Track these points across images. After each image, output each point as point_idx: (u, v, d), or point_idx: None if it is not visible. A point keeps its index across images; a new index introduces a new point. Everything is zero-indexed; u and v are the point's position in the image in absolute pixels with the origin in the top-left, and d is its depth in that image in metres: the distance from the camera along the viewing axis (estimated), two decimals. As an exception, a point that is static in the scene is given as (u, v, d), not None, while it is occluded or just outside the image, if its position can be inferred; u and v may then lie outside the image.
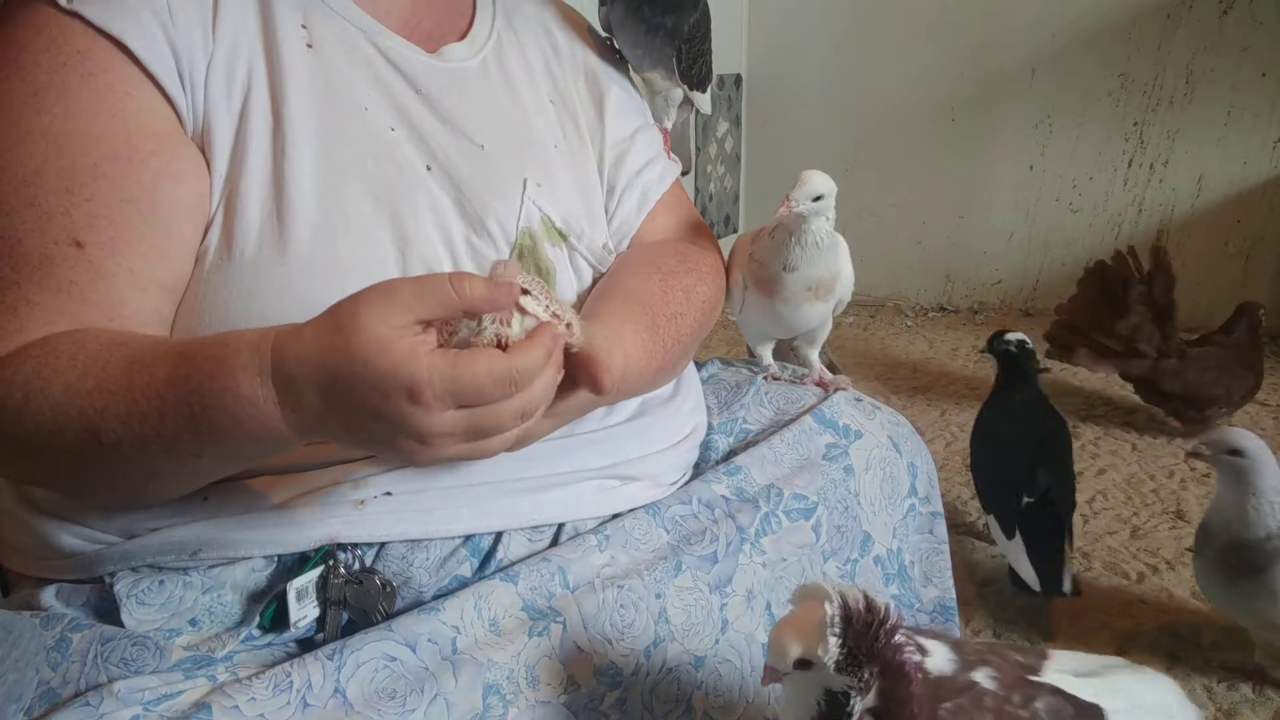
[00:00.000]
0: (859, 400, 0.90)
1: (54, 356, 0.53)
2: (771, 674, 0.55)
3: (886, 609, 0.54)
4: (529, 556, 0.66)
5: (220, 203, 0.62)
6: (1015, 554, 1.23)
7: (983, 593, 1.32)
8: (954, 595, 0.88)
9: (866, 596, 0.54)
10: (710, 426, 0.86)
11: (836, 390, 0.89)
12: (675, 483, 0.78)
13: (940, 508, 0.89)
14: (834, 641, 0.52)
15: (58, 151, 0.57)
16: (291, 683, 0.53)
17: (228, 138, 0.63)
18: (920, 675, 0.54)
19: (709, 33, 0.93)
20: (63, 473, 0.57)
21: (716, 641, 0.70)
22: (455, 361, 0.47)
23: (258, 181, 0.62)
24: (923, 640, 0.57)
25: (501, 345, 0.50)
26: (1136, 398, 1.93)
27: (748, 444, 0.83)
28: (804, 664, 0.53)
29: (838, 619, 0.52)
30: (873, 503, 0.83)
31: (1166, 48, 2.36)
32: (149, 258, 0.59)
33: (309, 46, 0.67)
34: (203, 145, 0.62)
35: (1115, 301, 1.83)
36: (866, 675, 0.53)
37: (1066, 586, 1.19)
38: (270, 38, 0.65)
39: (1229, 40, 2.29)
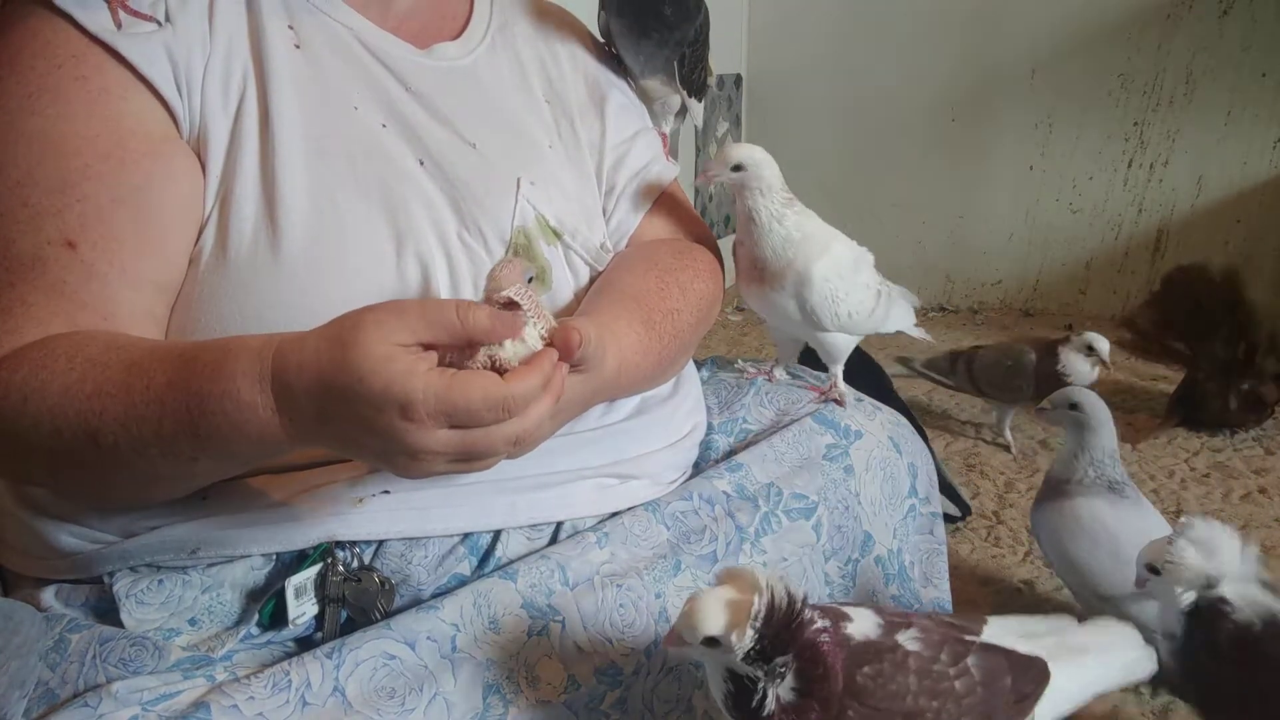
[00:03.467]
0: (860, 400, 0.90)
1: (51, 359, 0.53)
2: (676, 640, 0.55)
3: (803, 600, 0.54)
4: (528, 554, 0.66)
5: (215, 203, 0.62)
6: None
7: (983, 593, 1.32)
8: (950, 596, 0.88)
9: (788, 590, 0.54)
10: (710, 426, 0.86)
11: (831, 400, 0.88)
12: (674, 481, 0.78)
13: (940, 508, 0.89)
14: (751, 635, 0.52)
15: (51, 153, 0.58)
16: (290, 681, 0.53)
17: (223, 139, 0.63)
18: (839, 650, 0.55)
19: (708, 39, 0.93)
20: (60, 474, 0.57)
21: None
22: (451, 383, 0.47)
23: (251, 182, 0.62)
24: (847, 609, 0.58)
25: (495, 366, 0.50)
26: (1135, 399, 1.93)
27: (748, 443, 0.83)
28: (712, 642, 0.53)
29: (762, 614, 0.52)
30: (873, 503, 0.83)
31: (1166, 48, 2.36)
32: (142, 257, 0.59)
33: (296, 47, 0.67)
34: (199, 147, 0.63)
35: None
36: (779, 664, 0.53)
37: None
38: (258, 39, 0.66)
39: (1229, 40, 2.29)
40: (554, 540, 0.69)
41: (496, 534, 0.66)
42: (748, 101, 2.96)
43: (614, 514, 0.71)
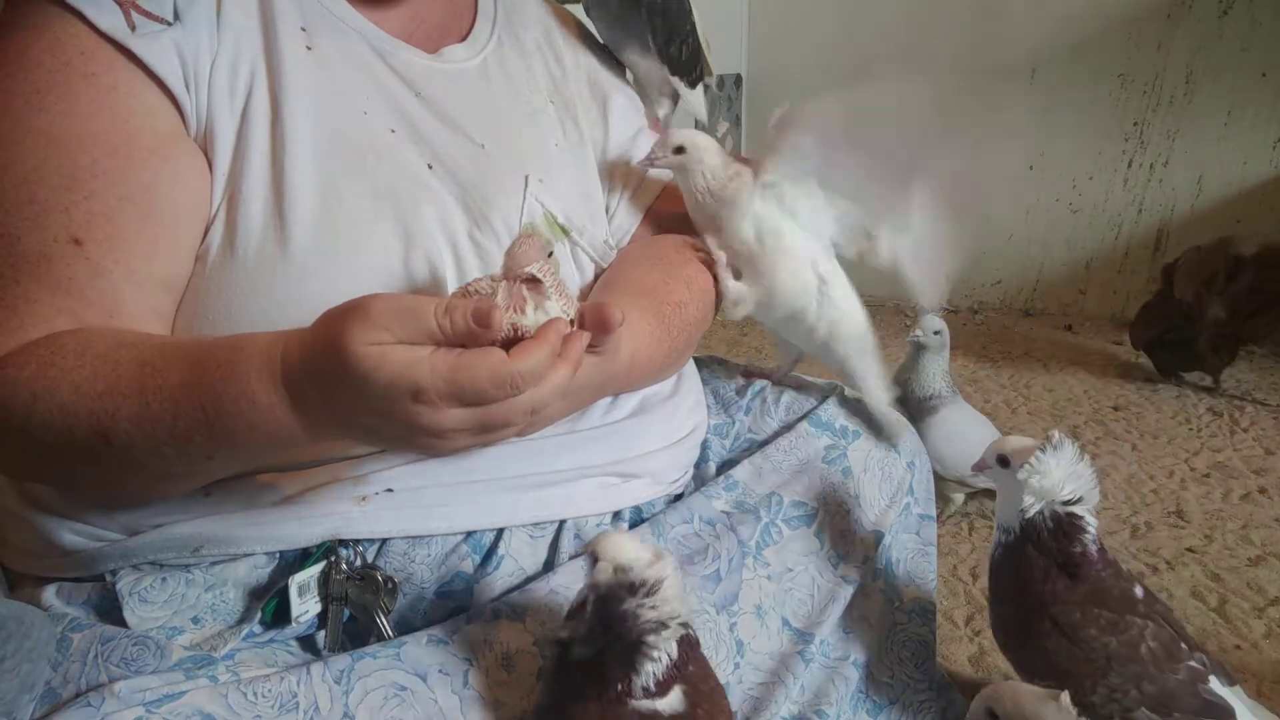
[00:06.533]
0: (859, 401, 0.90)
1: (60, 356, 0.53)
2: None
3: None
4: (533, 581, 0.66)
5: (222, 202, 0.62)
6: None
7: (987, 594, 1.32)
8: (934, 601, 0.87)
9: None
10: (709, 426, 0.86)
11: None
12: (676, 481, 0.78)
13: (932, 510, 0.89)
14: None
15: (58, 150, 0.58)
16: (298, 704, 0.53)
17: (230, 137, 0.63)
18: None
19: (688, 13, 0.91)
20: (68, 471, 0.57)
21: (737, 666, 0.70)
22: (457, 364, 0.47)
23: (259, 180, 0.62)
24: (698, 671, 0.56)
25: (517, 333, 0.50)
26: (1139, 399, 1.93)
27: (748, 452, 0.83)
28: (592, 559, 0.54)
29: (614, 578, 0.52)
30: (873, 503, 0.83)
31: (1166, 48, 2.36)
32: (147, 255, 0.59)
33: (308, 49, 0.67)
34: (205, 145, 0.63)
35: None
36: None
37: None
38: (271, 38, 0.66)
39: (1229, 40, 2.29)
40: (556, 539, 0.69)
41: (499, 532, 0.67)
42: (748, 101, 2.96)
43: (616, 520, 0.71)
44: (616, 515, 0.73)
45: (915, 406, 1.42)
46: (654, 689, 0.53)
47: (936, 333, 1.42)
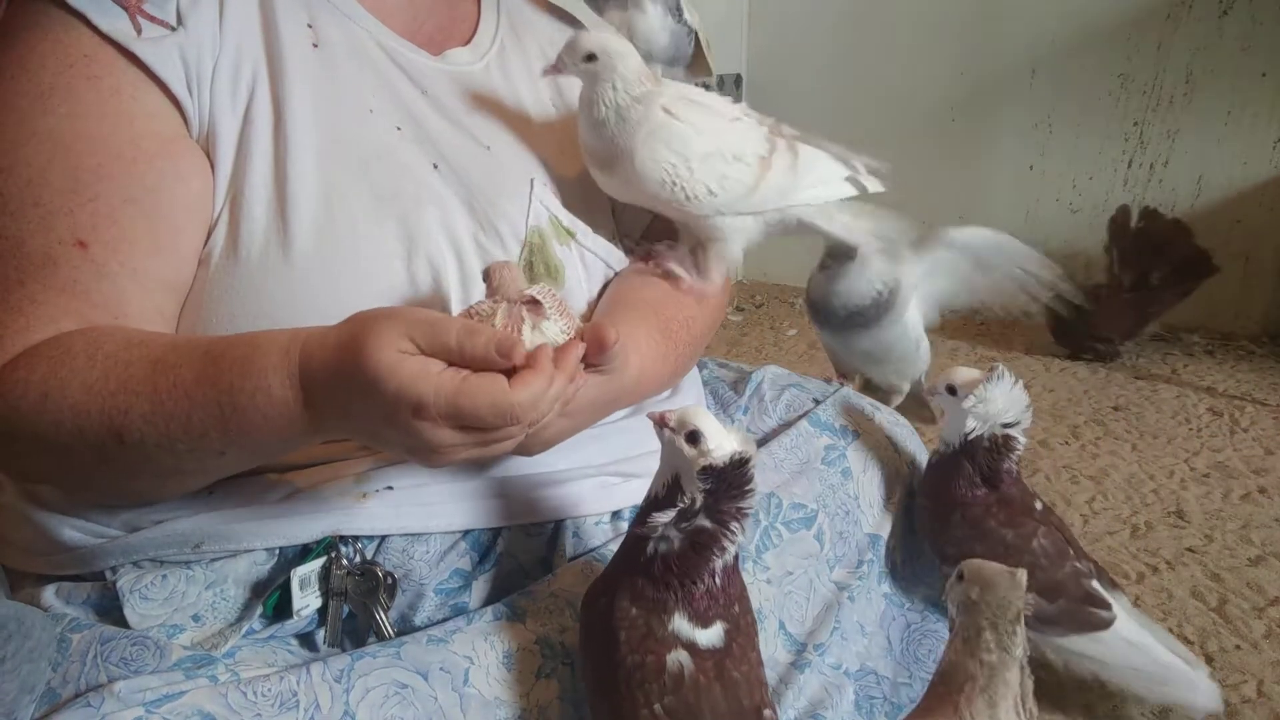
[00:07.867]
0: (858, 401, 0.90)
1: (69, 356, 0.54)
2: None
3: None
4: (536, 587, 0.66)
5: (225, 204, 0.62)
6: None
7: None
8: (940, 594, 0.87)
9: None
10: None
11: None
12: (675, 481, 0.78)
13: None
14: (726, 447, 0.55)
15: (62, 152, 0.58)
16: (299, 702, 0.53)
17: (232, 139, 0.63)
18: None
19: None
20: (78, 473, 0.58)
21: None
22: (460, 388, 0.48)
23: (261, 182, 0.63)
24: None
25: None
26: (1139, 399, 1.93)
27: None
28: (694, 438, 0.55)
29: (727, 458, 0.55)
30: (873, 504, 0.83)
31: (1166, 48, 2.36)
32: (152, 257, 0.60)
33: (314, 46, 0.67)
34: (208, 146, 0.63)
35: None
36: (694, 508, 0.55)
37: None
38: (272, 37, 0.66)
39: (1229, 40, 2.29)
40: (555, 538, 0.69)
41: (498, 530, 0.67)
42: (748, 101, 2.96)
43: (618, 535, 0.71)
44: (616, 515, 0.73)
45: (868, 314, 1.05)
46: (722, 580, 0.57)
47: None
